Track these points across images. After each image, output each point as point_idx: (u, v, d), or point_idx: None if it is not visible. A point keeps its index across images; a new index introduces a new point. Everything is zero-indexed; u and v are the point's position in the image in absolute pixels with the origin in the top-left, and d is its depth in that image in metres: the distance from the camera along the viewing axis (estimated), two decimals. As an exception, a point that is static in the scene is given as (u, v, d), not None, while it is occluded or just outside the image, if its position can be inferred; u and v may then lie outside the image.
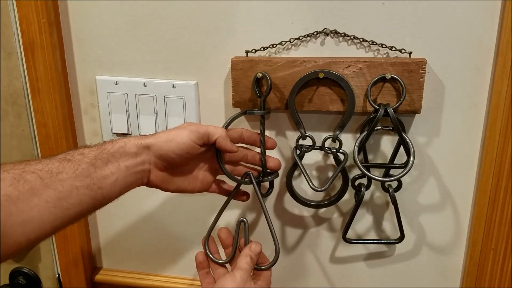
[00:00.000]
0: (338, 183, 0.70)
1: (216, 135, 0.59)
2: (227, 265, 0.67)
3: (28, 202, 0.43)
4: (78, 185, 0.48)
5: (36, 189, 0.44)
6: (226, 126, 0.65)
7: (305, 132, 0.65)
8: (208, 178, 0.64)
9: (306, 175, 0.64)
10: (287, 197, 0.73)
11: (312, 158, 0.70)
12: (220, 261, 0.67)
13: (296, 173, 0.71)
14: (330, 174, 0.71)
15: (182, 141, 0.56)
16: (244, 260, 0.61)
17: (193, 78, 0.70)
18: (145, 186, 0.57)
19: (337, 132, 0.64)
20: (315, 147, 0.66)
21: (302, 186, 0.73)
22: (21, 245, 0.44)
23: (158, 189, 0.59)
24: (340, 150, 0.65)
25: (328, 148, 0.66)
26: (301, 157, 0.66)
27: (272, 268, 0.65)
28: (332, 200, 0.69)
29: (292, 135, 0.70)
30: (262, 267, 0.64)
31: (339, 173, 0.66)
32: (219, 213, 0.68)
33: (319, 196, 0.72)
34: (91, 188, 0.49)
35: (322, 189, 0.64)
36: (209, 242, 0.68)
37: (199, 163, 0.62)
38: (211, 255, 0.67)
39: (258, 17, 0.65)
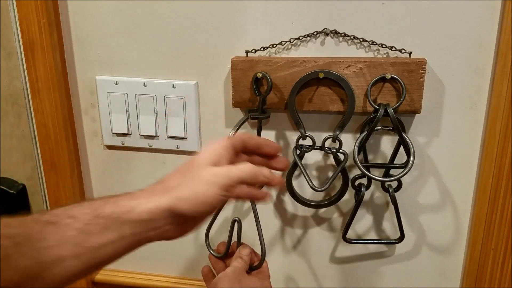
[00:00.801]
0: (338, 183, 0.70)
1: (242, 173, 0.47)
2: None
3: (7, 269, 0.36)
4: (64, 254, 0.39)
5: (10, 259, 0.36)
6: (235, 133, 0.65)
7: (305, 132, 0.65)
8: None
9: (306, 175, 0.64)
10: (287, 197, 0.73)
11: (312, 158, 0.70)
12: (218, 255, 0.69)
13: (296, 173, 0.71)
14: (330, 174, 0.71)
15: (212, 199, 0.44)
16: (235, 261, 0.63)
17: (193, 78, 0.70)
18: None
19: (337, 132, 0.64)
20: (315, 147, 0.66)
21: (302, 186, 0.73)
22: None
23: None
24: (340, 150, 0.65)
25: (328, 148, 0.66)
26: (301, 157, 0.66)
27: (269, 267, 0.66)
28: (332, 200, 0.69)
29: (292, 135, 0.70)
30: (253, 266, 0.66)
31: (339, 173, 0.66)
32: (216, 213, 0.70)
33: (319, 196, 0.72)
34: (81, 259, 0.40)
35: (322, 189, 0.64)
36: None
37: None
38: (211, 250, 0.69)
39: (258, 17, 0.65)
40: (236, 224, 0.67)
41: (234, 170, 0.45)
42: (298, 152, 0.67)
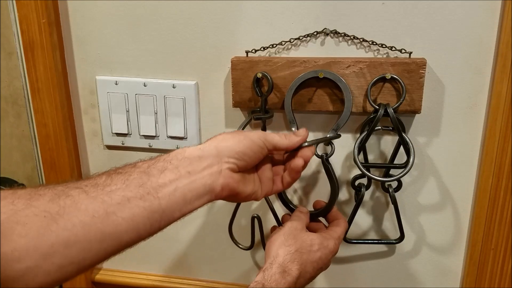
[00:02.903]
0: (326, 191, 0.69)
1: (282, 144, 0.54)
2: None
3: (71, 218, 0.37)
4: (130, 196, 0.40)
5: (80, 203, 0.38)
6: None
7: None
8: (269, 176, 0.57)
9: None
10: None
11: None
12: (243, 247, 0.73)
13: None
14: (320, 177, 0.70)
15: (256, 141, 0.51)
16: (293, 216, 0.62)
17: (193, 78, 0.70)
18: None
19: (330, 135, 0.62)
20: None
21: (296, 194, 0.73)
22: (65, 269, 0.37)
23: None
24: (329, 158, 0.63)
25: (319, 155, 0.63)
26: None
27: None
28: (321, 211, 0.67)
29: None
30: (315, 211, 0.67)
31: (328, 181, 0.64)
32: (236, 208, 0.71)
33: (309, 206, 0.72)
34: (146, 199, 0.41)
35: (306, 145, 0.58)
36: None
37: (261, 165, 0.56)
38: (237, 242, 0.73)
39: (258, 17, 0.65)
40: (256, 220, 0.71)
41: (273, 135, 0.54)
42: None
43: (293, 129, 0.63)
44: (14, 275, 0.35)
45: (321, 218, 0.67)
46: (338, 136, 0.63)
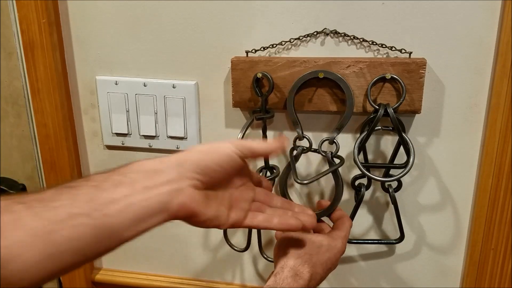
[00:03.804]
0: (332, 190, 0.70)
1: (260, 147, 0.49)
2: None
3: (11, 236, 0.34)
4: (76, 212, 0.36)
5: (21, 220, 0.34)
6: (243, 135, 0.65)
7: (302, 133, 0.65)
8: (244, 206, 0.49)
9: (293, 168, 0.62)
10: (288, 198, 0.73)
11: (311, 159, 0.70)
12: (238, 249, 0.73)
13: (289, 182, 0.71)
14: (327, 176, 0.70)
15: (225, 152, 0.45)
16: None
17: (193, 78, 0.70)
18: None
19: (334, 135, 0.64)
20: (312, 149, 0.66)
21: (297, 193, 0.73)
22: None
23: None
24: (336, 155, 0.64)
25: (324, 151, 0.65)
26: (296, 157, 0.65)
27: (268, 267, 0.66)
28: (325, 210, 0.67)
29: (292, 136, 0.69)
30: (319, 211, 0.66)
31: (334, 180, 0.65)
32: None
33: (309, 205, 0.72)
34: (93, 216, 0.37)
35: (306, 182, 0.61)
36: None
37: (235, 186, 0.50)
38: (231, 244, 0.73)
39: (258, 17, 0.65)
40: None
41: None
42: (294, 152, 0.66)
43: (297, 130, 0.64)
44: None
45: (324, 218, 0.67)
46: (341, 164, 0.63)
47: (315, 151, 0.66)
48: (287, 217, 0.50)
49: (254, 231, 0.72)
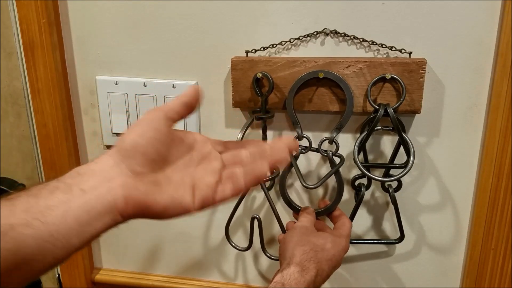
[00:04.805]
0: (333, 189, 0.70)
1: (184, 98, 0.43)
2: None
3: None
4: (14, 223, 0.34)
5: None
6: (243, 135, 0.65)
7: (301, 133, 0.65)
8: (210, 180, 0.42)
9: (298, 173, 0.63)
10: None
11: (311, 159, 0.70)
12: (240, 248, 0.73)
13: (289, 181, 0.71)
14: (322, 175, 0.71)
15: (158, 127, 0.40)
16: (301, 217, 0.63)
17: (193, 78, 0.70)
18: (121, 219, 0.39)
19: (334, 134, 0.64)
20: (311, 148, 0.66)
21: (296, 192, 0.73)
22: None
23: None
24: (337, 154, 0.65)
25: (324, 150, 0.65)
26: (296, 157, 0.66)
27: (268, 267, 0.66)
28: (328, 207, 0.67)
29: (292, 135, 0.70)
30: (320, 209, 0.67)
31: (334, 178, 0.66)
32: (236, 206, 0.71)
33: (314, 204, 0.72)
34: (32, 226, 0.34)
35: (314, 186, 0.63)
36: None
37: (191, 162, 0.43)
38: (234, 245, 0.73)
39: (258, 17, 0.65)
40: (255, 221, 0.70)
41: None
42: (294, 152, 0.66)
43: (297, 130, 0.65)
44: None
45: (323, 218, 0.67)
46: (342, 162, 0.64)
47: (315, 150, 0.66)
48: (254, 168, 0.42)
49: (256, 230, 0.72)
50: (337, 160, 0.65)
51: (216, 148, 0.45)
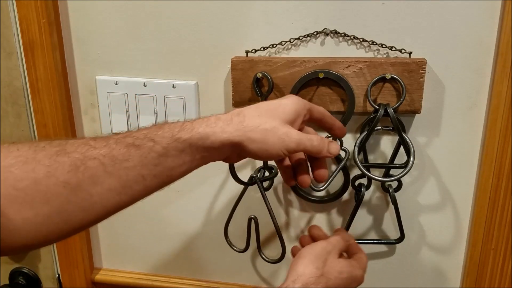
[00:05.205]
0: (339, 181, 0.70)
1: (315, 146, 0.50)
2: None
3: (89, 190, 0.41)
4: (145, 173, 0.43)
5: (98, 177, 0.41)
6: None
7: None
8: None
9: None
10: (287, 198, 0.73)
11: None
12: (238, 249, 0.73)
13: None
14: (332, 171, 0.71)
15: (275, 152, 0.47)
16: (331, 238, 0.60)
17: (193, 78, 0.70)
18: None
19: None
20: None
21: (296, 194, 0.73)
22: (82, 228, 0.43)
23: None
24: (342, 148, 0.65)
25: None
26: None
27: (268, 268, 0.66)
28: (334, 197, 0.70)
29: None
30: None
31: (340, 171, 0.66)
32: (235, 205, 0.71)
33: (320, 192, 0.72)
34: (159, 177, 0.45)
35: (321, 188, 0.64)
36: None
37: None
38: (233, 246, 0.74)
39: (258, 17, 0.65)
40: (252, 222, 0.70)
41: (305, 140, 0.49)
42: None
43: None
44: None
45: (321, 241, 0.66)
46: (348, 156, 0.65)
47: None
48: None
49: (253, 231, 0.72)
50: (342, 153, 0.66)
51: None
